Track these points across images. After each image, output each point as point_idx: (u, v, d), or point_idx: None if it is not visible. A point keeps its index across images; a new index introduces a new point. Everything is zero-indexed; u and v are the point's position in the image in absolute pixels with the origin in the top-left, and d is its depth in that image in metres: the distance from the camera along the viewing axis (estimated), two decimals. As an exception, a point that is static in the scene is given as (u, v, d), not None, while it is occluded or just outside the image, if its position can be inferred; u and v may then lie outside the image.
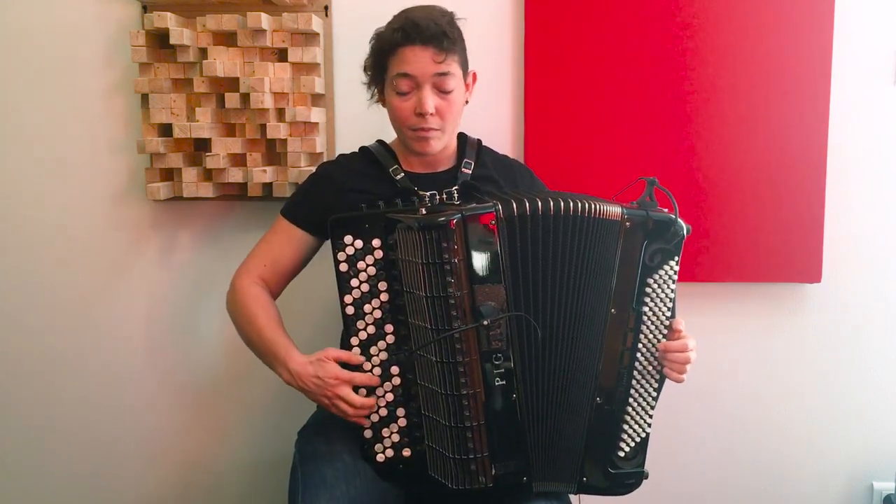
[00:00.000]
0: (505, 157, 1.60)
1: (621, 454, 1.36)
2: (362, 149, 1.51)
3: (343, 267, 1.31)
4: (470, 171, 1.47)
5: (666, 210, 1.34)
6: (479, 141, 1.55)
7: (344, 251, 1.31)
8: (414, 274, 1.26)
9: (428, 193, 1.39)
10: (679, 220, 1.32)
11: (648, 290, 1.33)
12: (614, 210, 1.31)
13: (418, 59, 1.35)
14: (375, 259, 1.31)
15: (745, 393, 1.84)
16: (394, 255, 1.29)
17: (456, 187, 1.43)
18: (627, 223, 1.31)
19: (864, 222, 1.77)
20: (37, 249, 1.84)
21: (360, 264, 1.31)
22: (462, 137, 1.53)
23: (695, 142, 1.71)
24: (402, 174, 1.45)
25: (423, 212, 1.27)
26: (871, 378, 1.82)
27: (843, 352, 1.82)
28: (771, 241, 1.73)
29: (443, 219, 1.23)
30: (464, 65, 1.41)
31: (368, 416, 1.32)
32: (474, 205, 1.28)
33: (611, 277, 1.32)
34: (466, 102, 1.46)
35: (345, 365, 1.32)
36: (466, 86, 1.45)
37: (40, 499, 1.93)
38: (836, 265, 1.77)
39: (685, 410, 1.82)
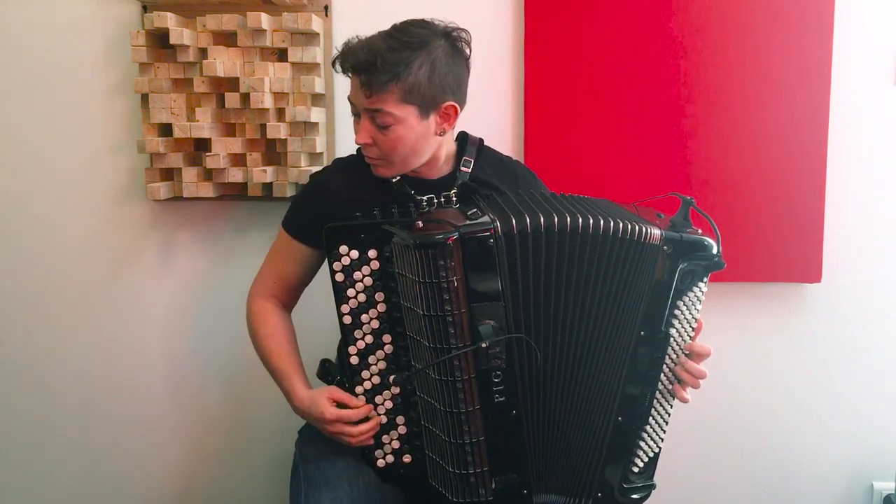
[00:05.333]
0: (508, 157, 1.55)
1: (635, 469, 1.34)
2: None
3: (339, 277, 1.29)
4: (469, 170, 1.42)
5: (699, 230, 1.28)
6: (480, 140, 1.48)
7: (340, 261, 1.28)
8: (410, 289, 1.22)
9: (425, 197, 1.36)
10: (714, 243, 1.26)
11: (677, 311, 1.28)
12: (655, 233, 1.24)
13: (355, 88, 1.30)
14: (372, 270, 1.28)
15: (744, 393, 1.84)
16: (390, 266, 1.26)
17: (454, 190, 1.39)
18: (665, 246, 1.24)
19: (864, 222, 1.77)
20: (37, 249, 1.84)
21: (357, 274, 1.28)
22: (462, 136, 1.48)
23: (695, 142, 1.71)
24: (399, 177, 1.40)
25: (420, 224, 1.21)
26: (872, 378, 1.82)
27: (842, 352, 1.82)
28: (771, 241, 1.73)
29: (440, 237, 1.17)
30: (419, 100, 1.27)
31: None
32: (472, 217, 1.23)
33: (641, 298, 1.26)
34: (442, 134, 1.35)
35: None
36: (443, 117, 1.32)
37: (39, 499, 1.93)
38: (836, 265, 1.77)
39: (684, 410, 1.79)
